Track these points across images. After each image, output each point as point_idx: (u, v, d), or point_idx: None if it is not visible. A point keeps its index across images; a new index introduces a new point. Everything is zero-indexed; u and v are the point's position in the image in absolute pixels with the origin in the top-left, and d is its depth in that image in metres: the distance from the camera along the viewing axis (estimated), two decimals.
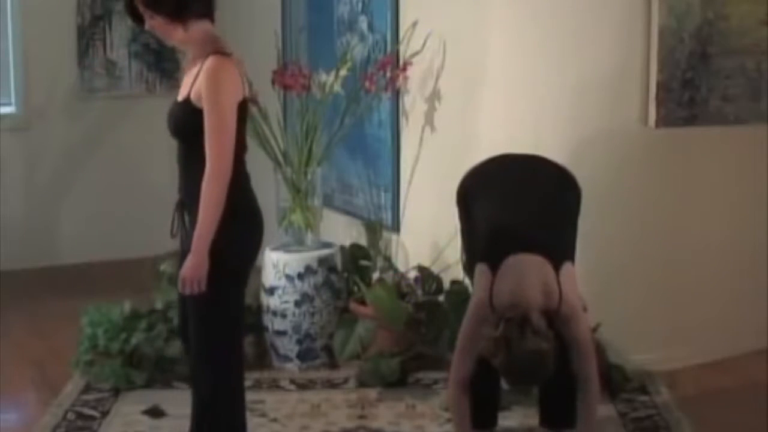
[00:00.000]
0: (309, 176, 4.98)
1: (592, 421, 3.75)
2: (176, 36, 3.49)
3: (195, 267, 3.38)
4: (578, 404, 3.72)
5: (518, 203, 3.83)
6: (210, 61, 3.40)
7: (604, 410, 4.22)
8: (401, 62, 5.04)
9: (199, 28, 3.48)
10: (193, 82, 3.45)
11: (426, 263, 4.92)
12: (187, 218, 3.51)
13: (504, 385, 4.07)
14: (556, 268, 3.61)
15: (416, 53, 4.96)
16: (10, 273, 6.27)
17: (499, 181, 3.96)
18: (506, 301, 3.54)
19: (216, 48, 3.45)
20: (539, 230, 3.74)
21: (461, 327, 3.70)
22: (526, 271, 3.59)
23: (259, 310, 4.93)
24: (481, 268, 3.67)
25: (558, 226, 3.81)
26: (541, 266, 3.60)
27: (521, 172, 3.98)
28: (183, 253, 3.49)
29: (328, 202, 5.52)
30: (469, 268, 3.94)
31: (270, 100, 5.11)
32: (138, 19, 3.57)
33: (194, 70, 3.46)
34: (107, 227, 6.69)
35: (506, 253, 3.62)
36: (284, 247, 4.93)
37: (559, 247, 3.71)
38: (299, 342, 4.86)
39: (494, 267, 3.61)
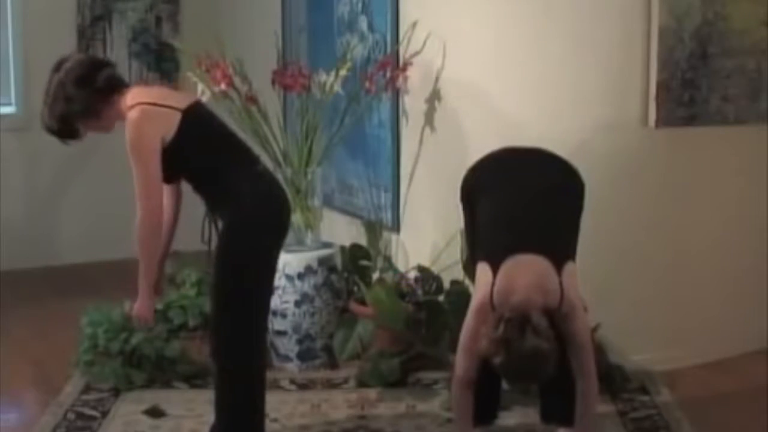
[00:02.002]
0: (309, 176, 4.98)
1: (590, 418, 3.75)
2: (99, 125, 3.78)
3: (139, 307, 3.85)
4: (577, 401, 3.72)
5: (521, 201, 3.82)
6: (126, 124, 3.64)
7: (604, 410, 4.22)
8: (401, 62, 5.04)
9: (108, 110, 3.72)
10: None
11: (426, 263, 4.92)
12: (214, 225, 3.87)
13: (504, 385, 4.08)
14: (558, 268, 3.60)
15: (416, 53, 4.96)
16: (10, 273, 6.27)
17: (501, 177, 3.95)
18: (506, 301, 3.54)
19: (126, 107, 3.67)
20: (541, 230, 3.73)
21: (463, 326, 3.69)
22: (527, 272, 3.59)
23: None
24: (482, 267, 3.67)
25: (561, 225, 3.80)
26: (542, 267, 3.60)
27: (524, 168, 3.97)
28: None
29: (328, 202, 5.52)
30: (471, 265, 3.94)
31: (270, 100, 5.11)
32: (70, 135, 3.83)
33: None
34: (107, 227, 6.69)
35: (508, 253, 3.62)
36: (284, 247, 4.90)
37: (561, 248, 3.70)
38: (299, 342, 4.86)
39: (495, 266, 3.61)
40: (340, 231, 5.47)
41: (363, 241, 5.23)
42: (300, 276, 4.83)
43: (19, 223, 6.58)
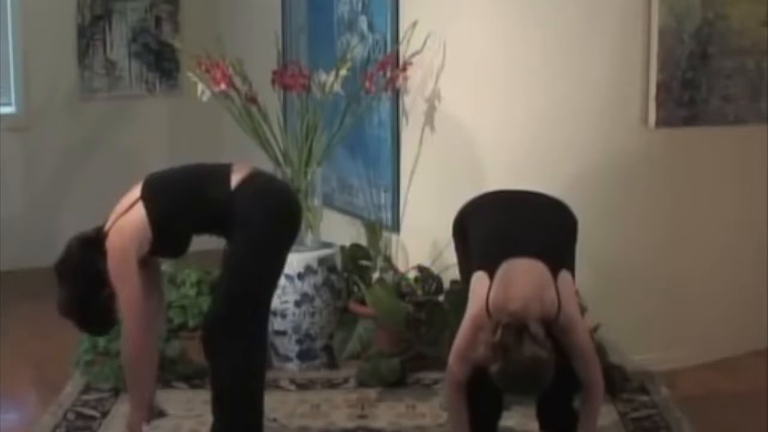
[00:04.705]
0: (309, 176, 4.98)
1: (593, 425, 3.73)
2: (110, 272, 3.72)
3: (129, 424, 3.86)
4: (581, 408, 3.70)
5: (515, 220, 3.78)
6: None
7: (605, 410, 4.21)
8: (401, 62, 5.04)
9: (102, 258, 3.73)
10: None
11: (426, 263, 4.91)
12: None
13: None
14: (554, 274, 3.58)
15: (416, 53, 4.95)
16: (10, 273, 6.27)
17: (494, 207, 3.91)
18: (503, 309, 3.48)
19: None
20: (537, 239, 3.68)
21: (457, 335, 3.64)
22: (524, 278, 3.53)
23: None
24: (478, 275, 3.62)
25: (555, 237, 3.76)
26: (538, 270, 3.55)
27: (517, 200, 3.93)
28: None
29: (328, 202, 5.52)
30: (464, 286, 3.87)
31: (270, 100, 5.11)
32: (105, 315, 3.81)
33: None
34: None
35: (503, 257, 3.59)
36: None
37: (556, 254, 3.65)
38: (299, 342, 4.86)
39: (491, 272, 3.58)
40: (340, 231, 5.46)
41: (363, 241, 5.22)
42: (300, 276, 4.83)
43: (19, 223, 6.57)
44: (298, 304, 4.84)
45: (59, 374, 4.77)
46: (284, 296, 4.83)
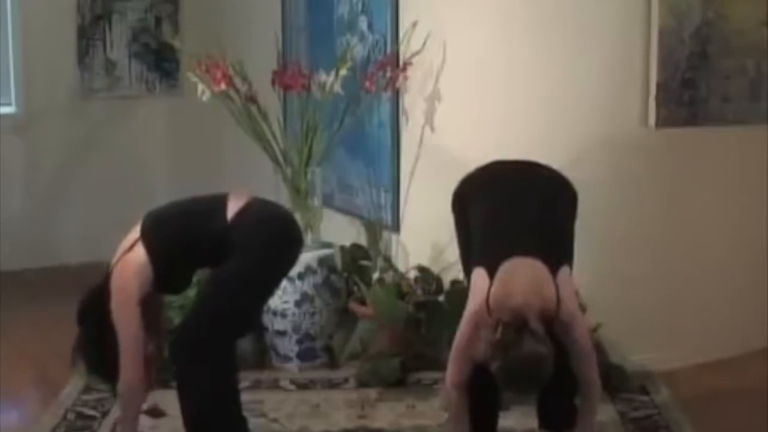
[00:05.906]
0: (309, 176, 4.98)
1: (592, 423, 3.74)
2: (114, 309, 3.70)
3: None
4: (580, 406, 3.71)
5: (515, 207, 3.80)
6: None
7: (604, 410, 4.22)
8: (401, 62, 5.04)
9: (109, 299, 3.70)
10: None
11: (426, 263, 4.91)
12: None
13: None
14: (553, 271, 3.58)
15: (416, 53, 4.95)
16: (10, 273, 6.27)
17: (494, 185, 3.92)
18: (504, 305, 3.49)
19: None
20: (536, 234, 3.69)
21: (457, 332, 3.65)
22: (525, 274, 3.55)
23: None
24: (478, 272, 3.63)
25: (555, 231, 3.77)
26: (538, 269, 3.56)
27: (516, 177, 3.94)
28: None
29: (328, 202, 5.51)
30: (465, 273, 3.90)
31: (270, 100, 5.11)
32: (111, 376, 3.80)
33: None
34: (107, 227, 6.66)
35: (504, 256, 3.60)
36: None
37: (556, 251, 3.66)
38: (299, 342, 4.86)
39: (492, 270, 3.59)
40: (340, 231, 5.46)
41: (363, 241, 5.22)
42: (300, 276, 4.83)
43: (19, 223, 6.58)
44: (298, 304, 4.84)
45: (59, 374, 4.77)
46: (284, 296, 4.83)
